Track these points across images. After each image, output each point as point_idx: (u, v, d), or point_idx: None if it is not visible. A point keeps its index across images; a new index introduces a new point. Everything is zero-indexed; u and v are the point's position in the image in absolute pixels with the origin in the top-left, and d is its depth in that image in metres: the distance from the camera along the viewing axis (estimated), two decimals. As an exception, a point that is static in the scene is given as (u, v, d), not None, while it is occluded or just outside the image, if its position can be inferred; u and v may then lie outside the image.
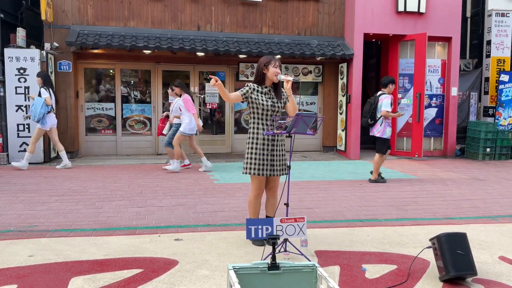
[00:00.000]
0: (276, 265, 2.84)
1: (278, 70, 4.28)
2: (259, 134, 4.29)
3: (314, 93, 11.95)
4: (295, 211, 5.67)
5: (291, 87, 4.22)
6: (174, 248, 4.24)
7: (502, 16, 11.92)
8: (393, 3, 10.73)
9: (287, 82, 4.17)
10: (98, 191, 6.84)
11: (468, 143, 11.31)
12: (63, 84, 10.09)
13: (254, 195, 4.43)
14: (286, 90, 4.22)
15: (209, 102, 11.35)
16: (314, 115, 4.11)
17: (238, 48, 10.16)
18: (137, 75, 11.37)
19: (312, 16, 11.21)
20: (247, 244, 4.36)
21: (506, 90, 11.65)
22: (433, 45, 11.28)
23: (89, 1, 10.16)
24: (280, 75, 4.24)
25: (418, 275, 3.69)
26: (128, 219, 5.28)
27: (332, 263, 3.93)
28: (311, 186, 7.45)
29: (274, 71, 4.26)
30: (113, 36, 9.91)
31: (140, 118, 11.11)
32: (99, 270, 3.70)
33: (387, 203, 6.29)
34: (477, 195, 6.88)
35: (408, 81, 11.15)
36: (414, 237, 4.71)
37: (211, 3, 10.69)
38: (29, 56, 9.23)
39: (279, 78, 4.24)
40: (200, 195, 6.64)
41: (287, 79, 4.16)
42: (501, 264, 3.96)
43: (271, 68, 4.27)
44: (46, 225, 4.98)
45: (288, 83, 4.17)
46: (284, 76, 4.20)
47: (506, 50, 12.06)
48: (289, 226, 3.64)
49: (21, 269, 3.70)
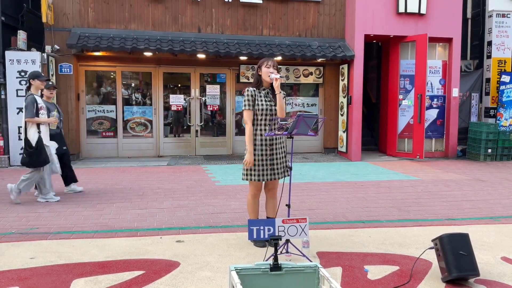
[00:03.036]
0: (278, 266, 2.83)
1: (271, 69, 4.26)
2: (256, 141, 4.28)
3: (315, 95, 11.95)
4: (297, 212, 5.66)
5: (279, 86, 4.19)
6: (176, 250, 4.24)
7: (503, 17, 11.92)
8: (394, 4, 10.73)
9: (276, 80, 4.16)
10: (99, 193, 6.84)
11: (470, 144, 11.29)
12: (64, 86, 10.10)
13: (251, 195, 4.43)
14: (275, 88, 4.21)
15: (210, 104, 11.35)
16: (316, 116, 4.11)
17: (239, 50, 10.17)
18: (138, 77, 11.38)
19: (312, 17, 11.22)
20: (248, 246, 4.36)
21: (507, 91, 11.64)
22: (434, 46, 11.28)
23: (90, 3, 10.18)
24: (272, 74, 4.23)
25: (420, 276, 3.68)
26: (130, 221, 5.27)
27: (334, 264, 3.92)
28: (312, 187, 7.44)
29: (266, 71, 4.26)
30: (114, 39, 9.93)
31: (141, 120, 11.11)
32: (100, 272, 3.69)
33: (388, 204, 6.28)
34: (478, 196, 6.86)
35: (409, 82, 11.14)
36: (416, 238, 4.70)
37: (211, 5, 10.71)
38: (30, 59, 9.25)
39: (271, 77, 4.24)
40: (201, 196, 6.64)
41: (276, 77, 4.16)
42: (504, 265, 3.95)
43: (264, 68, 4.28)
44: (47, 227, 4.98)
45: (277, 81, 4.16)
46: (274, 75, 4.20)
47: (507, 51, 12.05)
48: (291, 226, 3.63)
49: (23, 271, 3.69)
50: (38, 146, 5.88)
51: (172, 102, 11.12)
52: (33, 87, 6.04)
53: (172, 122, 11.47)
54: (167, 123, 11.40)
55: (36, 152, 5.85)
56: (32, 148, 5.85)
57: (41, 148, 5.90)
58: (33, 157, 5.85)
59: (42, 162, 5.94)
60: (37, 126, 5.94)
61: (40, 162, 5.92)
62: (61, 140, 6.72)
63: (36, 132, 5.92)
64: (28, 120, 5.86)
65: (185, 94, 11.34)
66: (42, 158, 5.91)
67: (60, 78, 10.05)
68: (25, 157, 5.89)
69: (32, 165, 5.92)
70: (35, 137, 5.89)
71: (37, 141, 5.89)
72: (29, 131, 5.90)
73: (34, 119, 5.88)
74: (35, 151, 5.85)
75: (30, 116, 5.84)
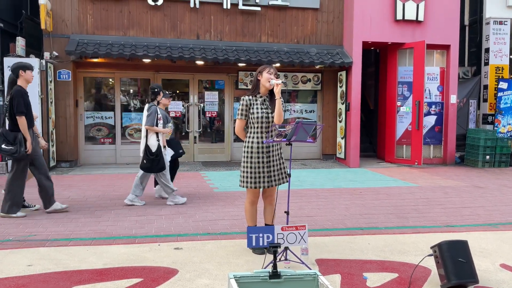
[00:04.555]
0: (277, 273, 2.82)
1: (272, 76, 4.27)
2: (253, 148, 4.28)
3: (313, 101, 11.98)
4: (295, 219, 5.65)
5: (280, 91, 4.20)
6: (174, 257, 4.22)
7: (500, 24, 11.99)
8: (392, 11, 10.79)
9: (277, 85, 4.17)
10: (97, 200, 6.82)
11: (468, 150, 11.31)
12: (63, 93, 10.10)
13: (249, 202, 4.43)
14: (276, 93, 4.21)
15: (208, 111, 11.36)
16: (314, 123, 4.12)
17: (237, 56, 10.19)
18: (136, 84, 11.39)
19: (311, 24, 11.26)
20: (247, 253, 4.34)
21: (505, 97, 11.68)
22: (431, 53, 11.33)
23: (88, 10, 10.20)
24: (273, 80, 4.24)
25: (419, 283, 3.67)
26: (128, 228, 5.25)
27: (333, 272, 3.91)
28: (311, 194, 7.43)
29: (268, 76, 4.26)
30: (112, 45, 9.94)
31: (140, 127, 11.09)
32: (98, 279, 3.67)
33: (387, 211, 6.27)
34: (477, 203, 6.86)
35: (407, 89, 11.17)
36: (415, 245, 4.69)
37: (210, 12, 10.74)
38: (29, 65, 9.23)
39: (272, 83, 4.24)
40: (199, 203, 6.62)
41: (277, 82, 4.17)
42: (503, 272, 3.94)
43: (265, 74, 4.27)
44: (45, 234, 4.95)
45: (278, 87, 4.17)
46: (274, 81, 4.21)
47: (505, 58, 12.11)
48: (290, 234, 3.63)
49: (20, 279, 3.67)
50: (158, 153, 6.23)
51: (171, 109, 11.11)
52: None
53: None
54: (166, 129, 11.38)
55: (156, 159, 6.22)
56: (152, 154, 6.21)
57: (160, 155, 6.26)
58: (154, 163, 6.22)
59: (160, 169, 6.29)
60: (156, 135, 6.29)
61: (159, 169, 6.28)
62: (177, 145, 7.15)
63: (156, 140, 6.27)
64: (148, 127, 6.24)
65: (184, 100, 11.35)
66: (161, 165, 6.27)
67: (58, 85, 10.05)
68: (145, 163, 6.25)
69: (151, 170, 6.28)
70: (155, 145, 6.24)
71: (157, 148, 6.25)
72: (150, 139, 6.27)
73: (153, 127, 6.25)
74: (155, 158, 6.22)
75: (150, 124, 6.23)
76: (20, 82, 5.69)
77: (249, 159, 4.29)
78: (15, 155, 5.52)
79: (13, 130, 5.55)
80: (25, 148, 5.51)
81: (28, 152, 5.56)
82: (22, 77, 5.69)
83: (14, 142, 5.51)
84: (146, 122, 6.27)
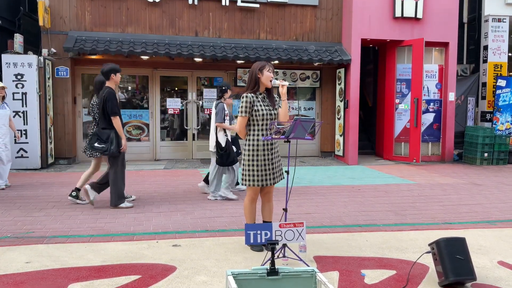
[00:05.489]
0: (275, 270, 2.83)
1: (272, 74, 4.26)
2: (259, 146, 4.25)
3: (312, 99, 11.97)
4: (294, 216, 5.65)
5: (286, 92, 4.20)
6: (172, 254, 4.22)
7: (499, 22, 11.99)
8: (390, 9, 10.78)
9: (282, 86, 4.16)
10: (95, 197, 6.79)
11: (466, 148, 11.32)
12: (61, 90, 10.08)
13: (249, 199, 4.42)
14: (282, 94, 4.20)
15: (207, 108, 11.34)
16: (313, 120, 4.12)
17: (236, 53, 10.18)
18: (134, 81, 11.37)
19: (309, 21, 11.25)
20: (245, 250, 4.34)
21: (503, 95, 11.69)
22: (430, 50, 11.33)
23: (87, 7, 10.17)
24: (274, 80, 4.23)
25: (417, 280, 3.68)
26: (126, 225, 5.25)
27: (331, 269, 3.91)
28: (309, 191, 7.44)
29: (269, 75, 4.24)
30: (111, 42, 9.92)
31: (138, 124, 11.10)
32: (96, 276, 3.67)
33: (385, 208, 6.28)
34: (475, 200, 6.87)
35: (406, 86, 11.17)
36: (413, 242, 4.70)
37: (209, 9, 10.72)
38: (27, 62, 9.22)
39: (273, 83, 4.23)
40: (198, 200, 6.62)
41: (283, 83, 4.16)
42: (500, 269, 3.95)
43: (266, 73, 4.24)
44: (43, 232, 4.95)
45: (284, 88, 4.16)
46: (279, 82, 4.19)
47: (503, 55, 12.11)
48: (288, 231, 3.63)
49: (18, 276, 3.67)
50: (227, 148, 6.52)
51: (169, 106, 11.12)
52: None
53: (169, 126, 11.46)
54: (164, 126, 11.38)
55: (225, 154, 6.51)
56: (222, 149, 6.50)
57: (230, 149, 6.55)
58: (223, 158, 6.50)
59: (231, 162, 6.58)
60: (224, 131, 6.60)
61: (229, 162, 6.56)
62: (237, 143, 7.26)
63: (224, 136, 6.58)
64: (218, 124, 6.53)
65: (182, 97, 11.34)
66: (231, 159, 6.56)
67: (56, 82, 10.03)
68: (217, 158, 6.55)
69: (223, 164, 6.56)
70: (224, 140, 6.54)
71: (226, 143, 6.53)
72: (219, 134, 6.57)
73: (222, 124, 6.55)
74: (224, 152, 6.50)
75: (220, 121, 6.54)
76: (109, 83, 5.99)
77: (255, 157, 4.24)
78: (106, 153, 5.88)
79: (105, 129, 5.89)
80: (120, 146, 5.88)
81: (123, 150, 5.95)
82: (113, 79, 5.98)
83: (106, 141, 5.84)
84: (216, 119, 6.56)
